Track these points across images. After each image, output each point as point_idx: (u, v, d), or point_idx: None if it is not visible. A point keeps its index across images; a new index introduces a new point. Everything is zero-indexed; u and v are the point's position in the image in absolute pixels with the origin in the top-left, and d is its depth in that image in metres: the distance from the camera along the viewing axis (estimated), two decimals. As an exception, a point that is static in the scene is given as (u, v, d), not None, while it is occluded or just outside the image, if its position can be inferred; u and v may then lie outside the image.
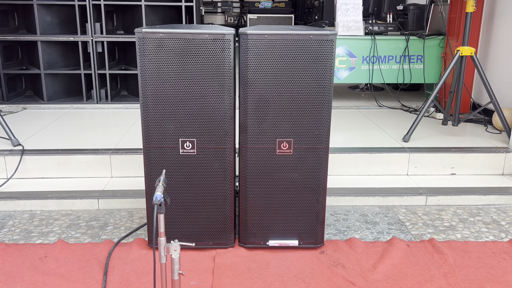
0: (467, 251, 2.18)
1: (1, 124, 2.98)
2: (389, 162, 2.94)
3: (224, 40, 1.88)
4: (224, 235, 2.13)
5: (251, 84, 1.93)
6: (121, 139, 3.16)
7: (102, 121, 3.67)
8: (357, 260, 2.08)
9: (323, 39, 1.88)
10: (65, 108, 4.10)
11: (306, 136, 2.00)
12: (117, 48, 4.46)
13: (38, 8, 3.99)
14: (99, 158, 2.83)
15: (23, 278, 1.91)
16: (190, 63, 1.90)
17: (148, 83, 1.92)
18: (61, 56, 4.23)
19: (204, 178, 2.05)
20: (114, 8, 4.35)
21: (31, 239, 2.25)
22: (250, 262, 2.06)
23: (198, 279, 1.93)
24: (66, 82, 4.32)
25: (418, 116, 3.17)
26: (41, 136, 3.23)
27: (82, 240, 2.24)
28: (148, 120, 1.96)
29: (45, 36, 4.05)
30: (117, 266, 2.02)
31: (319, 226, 2.14)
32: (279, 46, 1.89)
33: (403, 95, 4.68)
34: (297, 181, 2.07)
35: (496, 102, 3.11)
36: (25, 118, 3.76)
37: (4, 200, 2.53)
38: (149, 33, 1.86)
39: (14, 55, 4.26)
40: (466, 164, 2.96)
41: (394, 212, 2.58)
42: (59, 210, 2.55)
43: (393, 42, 4.09)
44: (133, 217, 2.48)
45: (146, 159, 2.01)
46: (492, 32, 3.77)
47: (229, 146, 2.01)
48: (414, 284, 1.92)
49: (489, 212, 2.60)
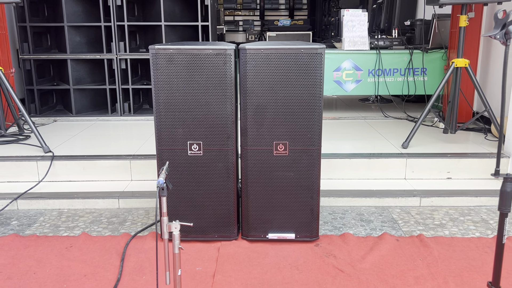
0: (452, 245, 2.36)
1: (34, 133, 3.32)
2: (387, 167, 3.14)
3: (226, 54, 2.15)
4: (228, 228, 2.37)
5: (250, 93, 2.19)
6: (141, 147, 3.45)
7: (125, 132, 3.99)
8: (348, 252, 2.29)
9: (313, 52, 2.13)
10: (92, 120, 4.45)
11: (300, 138, 2.24)
12: (139, 65, 4.81)
13: (68, 29, 4.39)
14: (120, 163, 3.13)
15: (52, 263, 2.20)
16: (196, 75, 2.18)
17: (160, 93, 2.20)
18: (88, 73, 4.60)
19: (209, 177, 2.30)
20: (137, 28, 4.72)
21: (59, 232, 2.54)
22: (251, 253, 2.29)
23: (203, 266, 2.17)
24: (93, 96, 4.69)
25: (416, 124, 3.37)
26: (69, 144, 3.56)
27: (103, 234, 2.52)
28: (160, 125, 2.24)
29: (74, 54, 4.44)
30: (133, 254, 2.28)
31: (314, 221, 2.36)
32: (274, 59, 2.15)
33: (410, 106, 4.86)
34: (293, 179, 2.30)
35: (491, 110, 3.28)
36: (55, 129, 4.12)
37: (36, 200, 2.85)
38: (161, 49, 2.15)
39: (46, 72, 4.66)
40: (462, 169, 3.13)
41: (389, 211, 2.77)
42: (84, 208, 2.85)
43: (398, 56, 4.30)
44: (149, 215, 2.75)
45: (159, 159, 2.28)
46: (492, 44, 3.95)
47: (231, 148, 2.27)
48: (398, 272, 2.11)
49: (479, 212, 2.76)
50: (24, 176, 3.12)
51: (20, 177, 3.12)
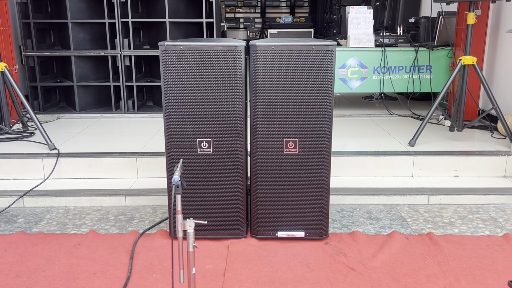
0: (462, 243, 2.35)
1: (39, 130, 3.30)
2: (395, 165, 3.12)
3: (236, 51, 2.14)
4: (237, 226, 2.36)
5: (260, 90, 2.18)
6: (146, 144, 3.44)
7: (129, 129, 3.97)
8: (358, 250, 2.28)
9: (324, 49, 2.12)
10: (96, 117, 4.43)
11: (310, 136, 2.23)
12: (143, 62, 4.79)
13: (72, 26, 4.36)
14: (127, 160, 3.11)
15: (60, 261, 2.18)
16: (206, 72, 2.16)
17: (170, 90, 2.18)
18: (92, 70, 4.58)
19: (219, 175, 2.29)
20: (140, 25, 4.70)
21: (66, 230, 2.53)
22: (260, 251, 2.28)
23: (213, 264, 2.16)
24: (97, 93, 4.67)
25: (423, 122, 3.35)
26: (74, 141, 3.54)
27: (111, 231, 2.51)
28: (170, 122, 2.22)
29: (78, 51, 4.42)
30: (142, 252, 2.27)
31: (324, 219, 2.35)
32: (285, 56, 2.14)
33: (415, 104, 4.85)
34: (302, 177, 2.29)
35: (498, 108, 3.27)
36: (59, 126, 4.10)
37: (42, 197, 2.83)
38: (171, 45, 2.14)
39: (49, 69, 4.63)
40: (469, 167, 3.12)
41: (397, 209, 2.76)
42: (91, 206, 2.83)
43: (403, 53, 4.29)
44: (156, 212, 2.73)
45: (168, 157, 2.27)
46: (498, 42, 3.93)
47: (241, 146, 2.25)
48: (409, 271, 2.10)
49: (488, 210, 2.75)
50: (29, 173, 3.10)
51: (25, 174, 3.10)
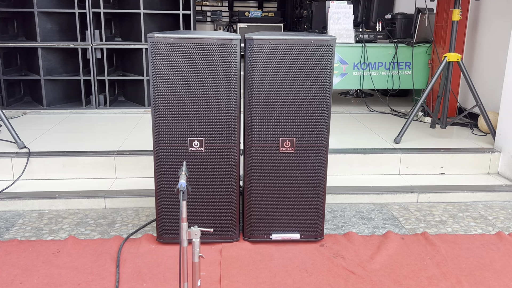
0: (458, 243, 2.33)
1: (7, 127, 3.06)
2: (381, 163, 3.08)
3: (231, 45, 2.01)
4: (229, 229, 2.24)
5: (256, 86, 2.06)
6: (123, 142, 3.25)
7: (103, 126, 3.76)
8: (355, 252, 2.21)
9: (324, 44, 2.02)
10: (65, 113, 4.18)
11: (307, 134, 2.13)
12: (115, 55, 4.56)
13: (38, 15, 4.09)
14: (104, 159, 2.93)
15: (39, 271, 2.00)
16: (199, 67, 2.03)
17: (159, 85, 2.03)
18: (61, 63, 4.32)
19: (211, 176, 2.16)
20: (112, 16, 4.47)
21: (42, 236, 2.34)
22: (255, 255, 2.17)
23: (207, 271, 2.04)
24: (65, 88, 4.41)
25: (408, 119, 3.33)
26: (44, 139, 3.31)
27: (92, 237, 2.34)
28: (158, 120, 2.07)
29: (45, 43, 4.15)
30: (128, 259, 2.11)
31: (320, 221, 2.26)
32: (282, 51, 2.03)
33: (392, 100, 4.86)
34: (298, 177, 2.19)
35: (482, 106, 3.29)
36: (25, 122, 3.83)
37: (13, 200, 2.61)
38: (161, 38, 1.99)
39: (13, 62, 4.33)
40: (454, 164, 3.12)
41: (388, 208, 2.72)
42: (67, 209, 2.64)
43: (383, 49, 4.26)
44: (139, 215, 2.58)
45: (156, 157, 2.12)
46: (476, 39, 3.97)
47: (235, 145, 2.13)
48: (409, 273, 2.05)
49: (476, 208, 2.75)
50: (-3, 174, 2.87)
51: (-8, 175, 2.87)
